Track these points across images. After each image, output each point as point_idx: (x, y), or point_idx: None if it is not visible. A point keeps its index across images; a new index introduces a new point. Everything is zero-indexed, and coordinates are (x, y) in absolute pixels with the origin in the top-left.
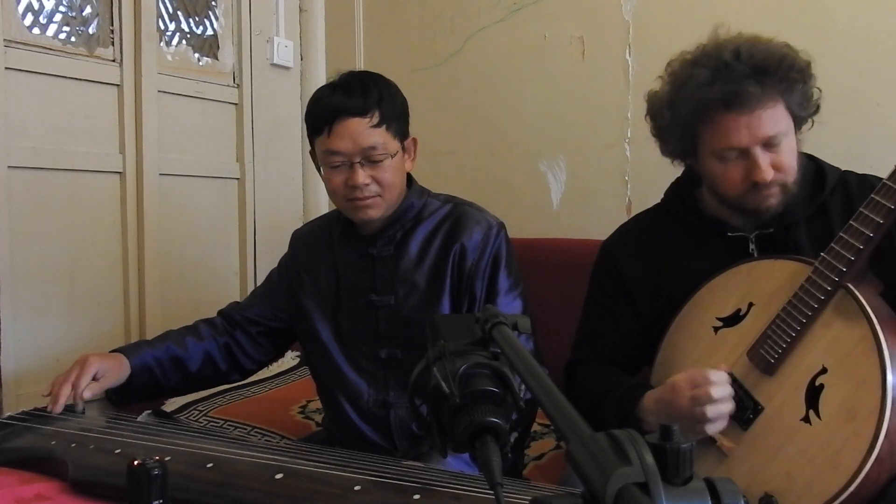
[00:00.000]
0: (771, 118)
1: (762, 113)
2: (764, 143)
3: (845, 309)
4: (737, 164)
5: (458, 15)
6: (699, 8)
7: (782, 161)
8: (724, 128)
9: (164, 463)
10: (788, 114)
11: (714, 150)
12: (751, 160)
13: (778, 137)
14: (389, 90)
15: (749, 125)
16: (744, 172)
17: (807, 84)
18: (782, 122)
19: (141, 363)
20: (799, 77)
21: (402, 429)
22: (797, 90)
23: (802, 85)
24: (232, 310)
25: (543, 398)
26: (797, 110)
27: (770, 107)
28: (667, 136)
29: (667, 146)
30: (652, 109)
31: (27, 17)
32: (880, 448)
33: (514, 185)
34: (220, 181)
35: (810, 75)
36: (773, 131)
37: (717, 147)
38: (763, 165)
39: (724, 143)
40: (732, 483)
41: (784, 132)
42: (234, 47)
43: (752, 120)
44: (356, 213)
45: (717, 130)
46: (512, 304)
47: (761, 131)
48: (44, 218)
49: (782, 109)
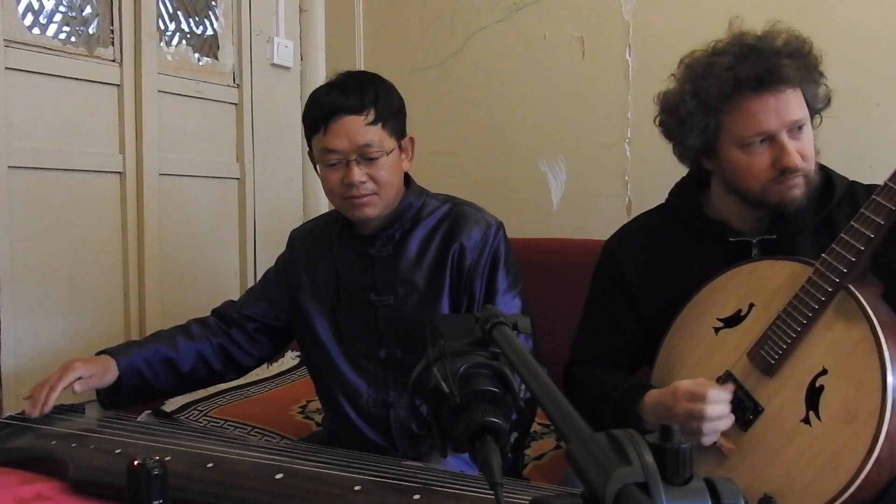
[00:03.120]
0: (797, 101)
1: (790, 96)
2: (790, 128)
3: (846, 310)
4: (762, 153)
5: (458, 15)
6: (699, 8)
7: (805, 149)
8: (752, 111)
9: (164, 463)
10: (806, 103)
11: (739, 139)
12: (778, 146)
13: (802, 122)
14: (385, 89)
15: (777, 108)
16: (770, 160)
17: (822, 74)
18: (804, 108)
19: (129, 365)
20: (816, 64)
21: (402, 429)
22: (815, 78)
23: (819, 74)
24: (227, 308)
25: (543, 398)
26: (812, 101)
27: (796, 90)
28: (687, 129)
29: (684, 143)
30: (667, 107)
31: (27, 17)
32: (880, 449)
33: (514, 185)
34: (220, 181)
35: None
36: (800, 115)
37: (743, 134)
38: (791, 150)
39: (751, 129)
40: (732, 483)
41: (805, 119)
42: (234, 47)
43: (780, 102)
44: (353, 212)
45: (745, 115)
46: (511, 303)
47: (788, 114)
48: (44, 218)
49: (802, 97)
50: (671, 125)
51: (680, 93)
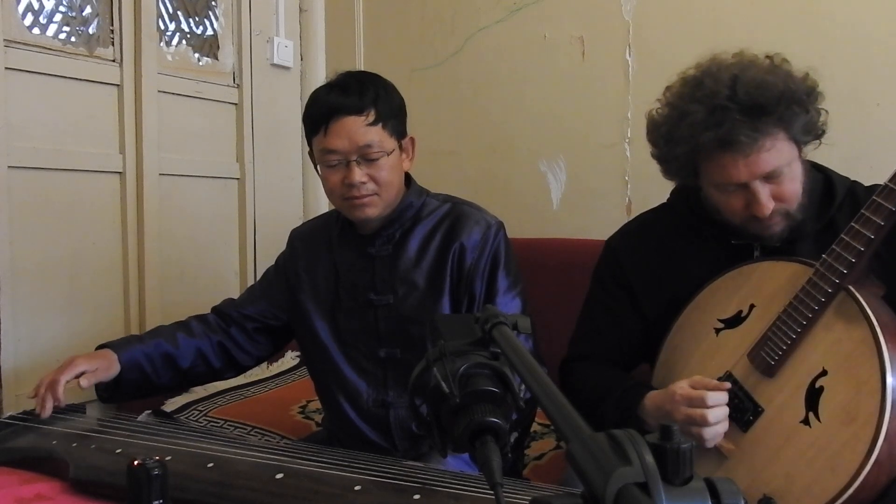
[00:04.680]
0: (769, 155)
1: (759, 153)
2: (763, 177)
3: (846, 311)
4: (737, 195)
5: (458, 15)
6: (699, 8)
7: (784, 191)
8: (722, 164)
9: (164, 463)
10: (791, 142)
11: (713, 183)
12: (751, 193)
13: (779, 170)
14: (386, 89)
15: (747, 164)
16: (744, 203)
17: (810, 112)
18: (784, 155)
19: (130, 359)
20: (800, 109)
21: (402, 429)
22: (799, 121)
23: (805, 114)
24: (227, 306)
25: (543, 398)
26: (800, 136)
27: (768, 144)
28: (667, 166)
29: (667, 173)
30: (651, 135)
31: (27, 17)
32: (879, 451)
33: (514, 185)
34: (220, 181)
35: (815, 99)
36: (773, 166)
37: (716, 181)
38: (763, 200)
39: (723, 178)
40: (732, 483)
41: (786, 163)
42: (234, 47)
43: (749, 159)
44: (353, 212)
45: (716, 166)
46: (511, 303)
47: (759, 168)
48: (44, 218)
49: (783, 140)
50: (655, 154)
51: (659, 130)
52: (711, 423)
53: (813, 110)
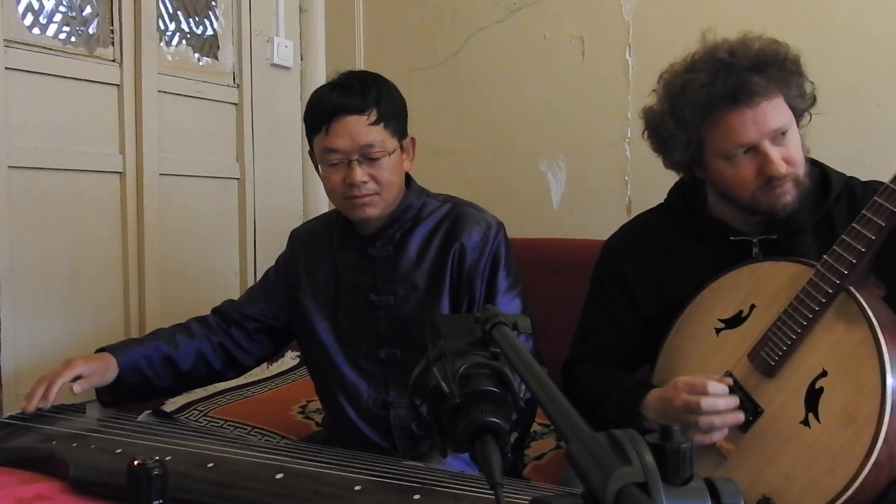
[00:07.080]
0: (775, 110)
1: (766, 106)
2: (771, 136)
3: (846, 312)
4: (747, 163)
5: (458, 15)
6: (699, 8)
7: (791, 154)
8: (731, 126)
9: (164, 463)
10: (789, 108)
11: (722, 152)
12: (762, 155)
13: (784, 128)
14: (388, 89)
15: (755, 120)
16: (756, 169)
17: (802, 76)
18: (785, 114)
19: (129, 362)
20: (794, 68)
21: (402, 429)
22: (794, 82)
23: (798, 77)
24: (227, 307)
25: (543, 398)
26: (795, 102)
27: (773, 99)
28: (671, 148)
29: (671, 158)
30: (650, 123)
31: (27, 17)
32: (879, 452)
33: (514, 185)
34: (220, 181)
35: (802, 67)
36: (779, 123)
37: (725, 147)
38: (775, 158)
39: (732, 143)
40: (733, 483)
41: (788, 125)
42: (234, 47)
43: (756, 114)
44: (354, 212)
45: (724, 130)
46: (511, 303)
47: (767, 124)
48: (44, 218)
49: (783, 102)
50: (655, 142)
51: (659, 112)
52: (705, 411)
53: (803, 74)
